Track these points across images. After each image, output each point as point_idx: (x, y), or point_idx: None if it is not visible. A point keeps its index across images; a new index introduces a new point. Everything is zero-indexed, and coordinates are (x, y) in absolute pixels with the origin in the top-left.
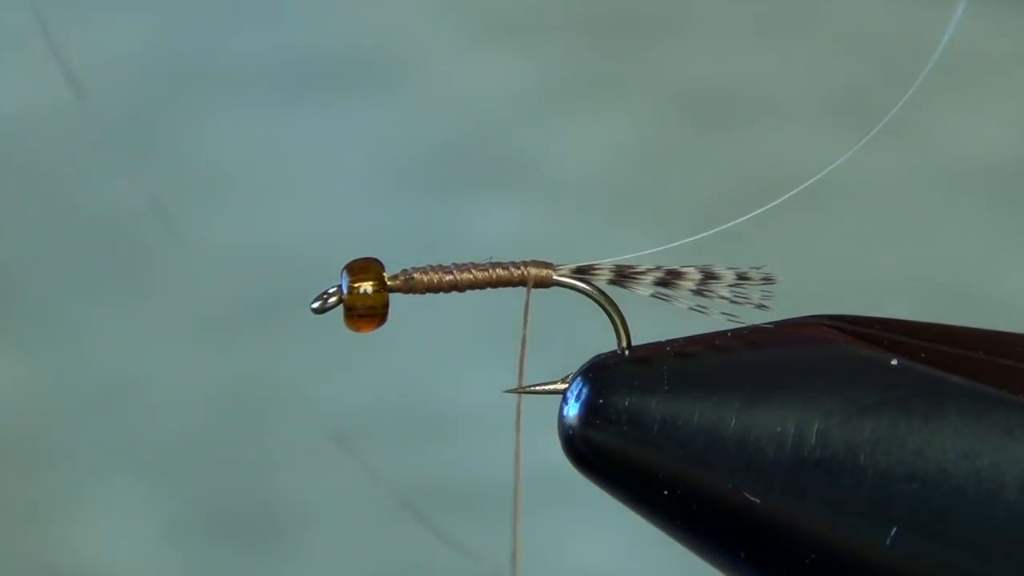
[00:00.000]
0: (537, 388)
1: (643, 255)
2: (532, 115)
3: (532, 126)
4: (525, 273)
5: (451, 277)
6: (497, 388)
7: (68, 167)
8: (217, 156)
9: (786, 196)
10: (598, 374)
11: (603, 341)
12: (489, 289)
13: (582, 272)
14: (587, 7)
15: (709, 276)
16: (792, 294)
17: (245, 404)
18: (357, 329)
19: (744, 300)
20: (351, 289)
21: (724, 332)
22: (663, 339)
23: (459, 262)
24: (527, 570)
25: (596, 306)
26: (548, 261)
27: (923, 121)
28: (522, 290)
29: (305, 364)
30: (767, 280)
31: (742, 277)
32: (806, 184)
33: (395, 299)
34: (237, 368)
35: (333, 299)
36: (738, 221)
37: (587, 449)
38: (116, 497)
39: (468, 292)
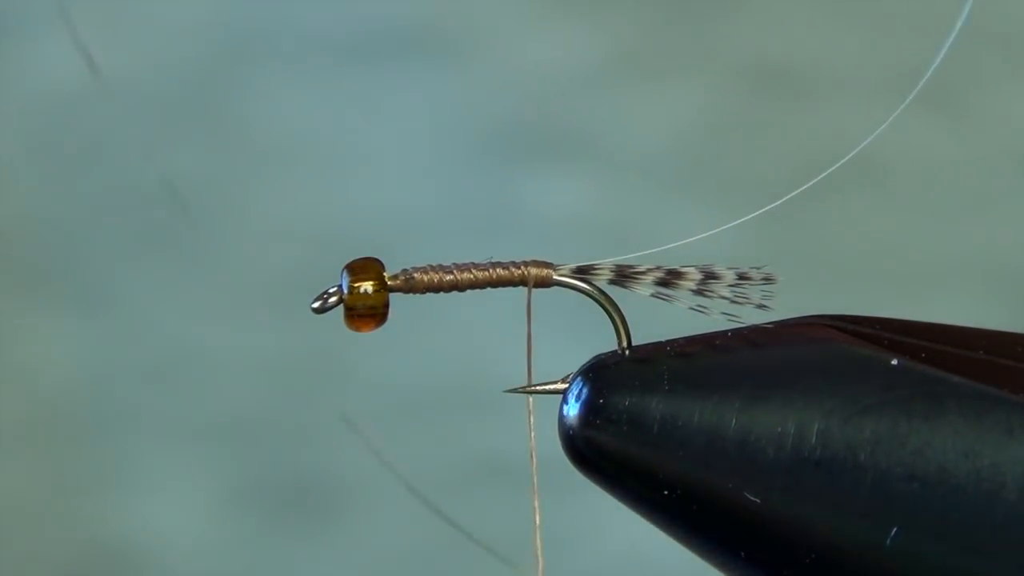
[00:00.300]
0: (538, 388)
1: (689, 241)
2: (598, 89)
3: (598, 100)
4: (525, 273)
5: (451, 277)
6: (547, 366)
7: (129, 137)
8: (280, 126)
9: (818, 178)
10: (598, 374)
11: (603, 341)
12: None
13: (582, 272)
14: None
15: (709, 276)
16: (852, 272)
17: (301, 376)
18: (357, 329)
19: (744, 300)
20: (351, 289)
21: (724, 332)
22: (663, 339)
23: (459, 262)
24: (564, 552)
25: (597, 306)
26: (548, 261)
27: (987, 100)
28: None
29: (361, 337)
30: (767, 280)
31: (742, 277)
32: (839, 164)
33: (395, 298)
34: (294, 340)
35: (333, 299)
36: (767, 208)
37: (587, 449)
38: (170, 468)
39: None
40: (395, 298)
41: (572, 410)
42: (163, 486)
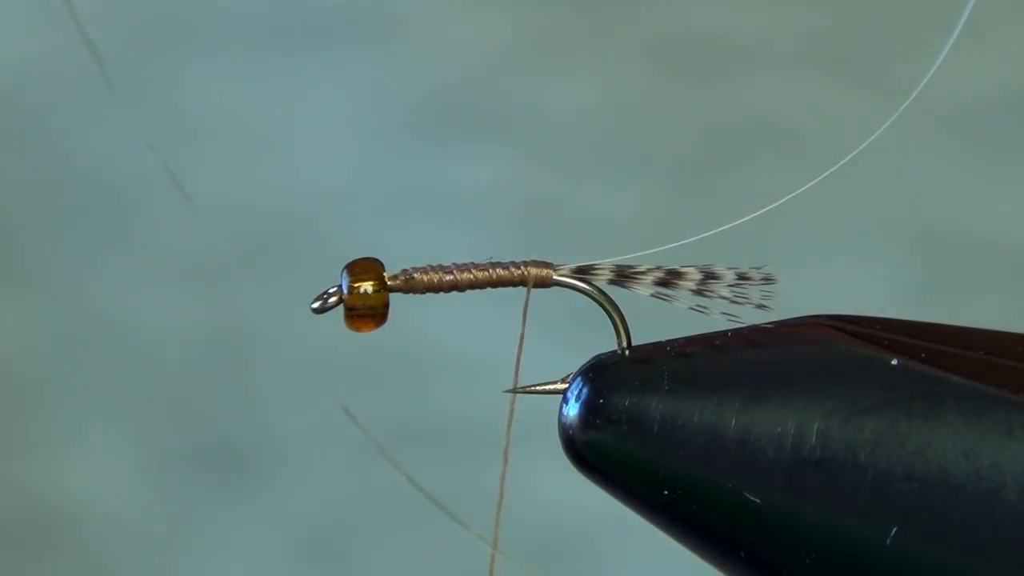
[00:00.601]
0: (537, 388)
1: (689, 241)
2: (518, 68)
3: (518, 78)
4: (525, 273)
5: (451, 277)
6: (477, 332)
7: (59, 117)
8: (207, 107)
9: (815, 181)
10: (598, 374)
11: (604, 341)
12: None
13: (582, 272)
14: None
15: (709, 276)
16: (765, 237)
17: (227, 347)
18: (357, 329)
19: (744, 300)
20: (351, 289)
21: (724, 332)
22: (663, 339)
23: (459, 262)
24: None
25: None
26: (548, 261)
27: (906, 67)
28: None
29: (288, 309)
30: (767, 280)
31: (742, 277)
32: (829, 172)
33: (394, 298)
34: (222, 312)
35: (333, 299)
36: (743, 220)
37: (587, 449)
38: (100, 434)
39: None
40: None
41: (572, 410)
42: (92, 450)
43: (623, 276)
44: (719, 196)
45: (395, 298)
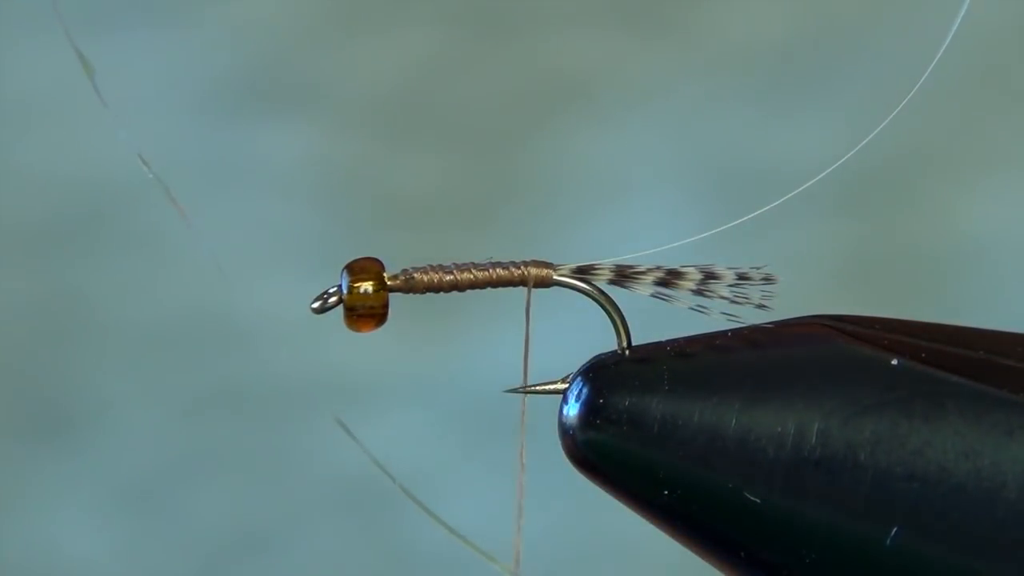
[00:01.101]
0: (537, 388)
1: (689, 241)
2: (322, 38)
3: (322, 49)
4: (525, 273)
5: (451, 277)
6: (293, 297)
7: None
8: (18, 83)
9: (785, 198)
10: (598, 374)
11: (604, 341)
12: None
13: (582, 272)
14: None
15: (709, 276)
16: (567, 195)
17: (47, 319)
18: (357, 329)
19: (744, 300)
20: (351, 289)
21: (724, 332)
22: (663, 339)
23: (459, 262)
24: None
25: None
26: (548, 261)
27: (687, 14)
28: None
29: (110, 281)
30: (767, 280)
31: (742, 277)
32: (809, 184)
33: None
34: (40, 286)
35: (333, 299)
36: (737, 222)
37: (587, 449)
38: None
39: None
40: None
41: (572, 410)
42: None
43: (623, 276)
44: (525, 158)
45: (394, 298)
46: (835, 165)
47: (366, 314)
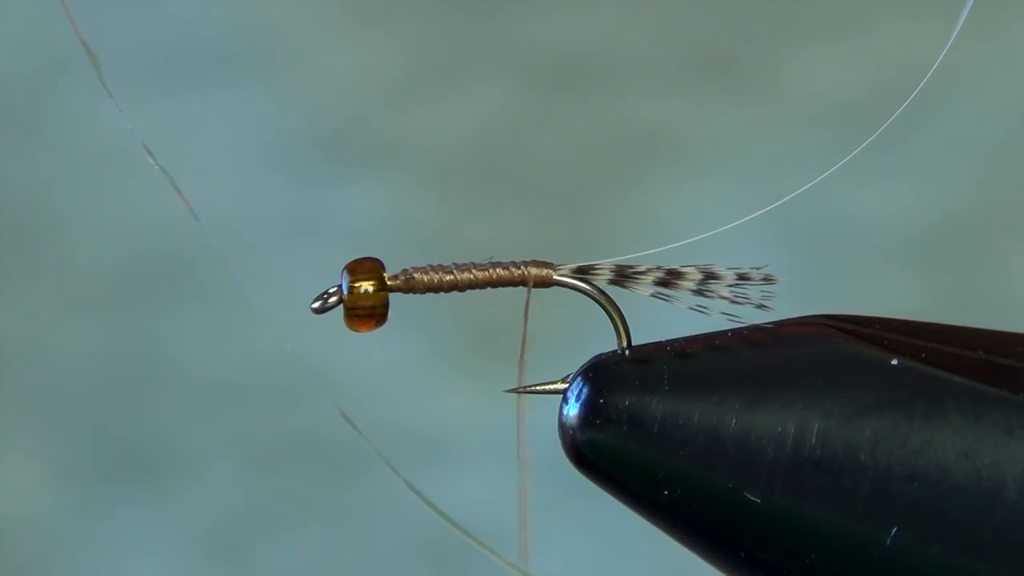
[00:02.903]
0: (537, 388)
1: (689, 242)
2: (401, 95)
3: (402, 107)
4: (525, 273)
5: (451, 277)
6: (366, 350)
7: None
8: (97, 139)
9: (778, 203)
10: (598, 374)
11: (603, 341)
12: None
13: (582, 272)
14: None
15: (709, 276)
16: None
17: (127, 370)
18: (357, 329)
19: (744, 300)
20: (351, 289)
21: (724, 332)
22: (663, 339)
23: (459, 262)
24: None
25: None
26: (549, 261)
27: (768, 69)
28: None
29: (189, 332)
30: (767, 280)
31: (742, 277)
32: (801, 190)
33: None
34: (121, 338)
35: (333, 299)
36: (743, 220)
37: (587, 449)
38: (5, 448)
39: (469, 292)
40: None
41: (572, 410)
42: None
43: (623, 276)
44: (604, 213)
45: (394, 298)
46: (826, 173)
47: (366, 314)
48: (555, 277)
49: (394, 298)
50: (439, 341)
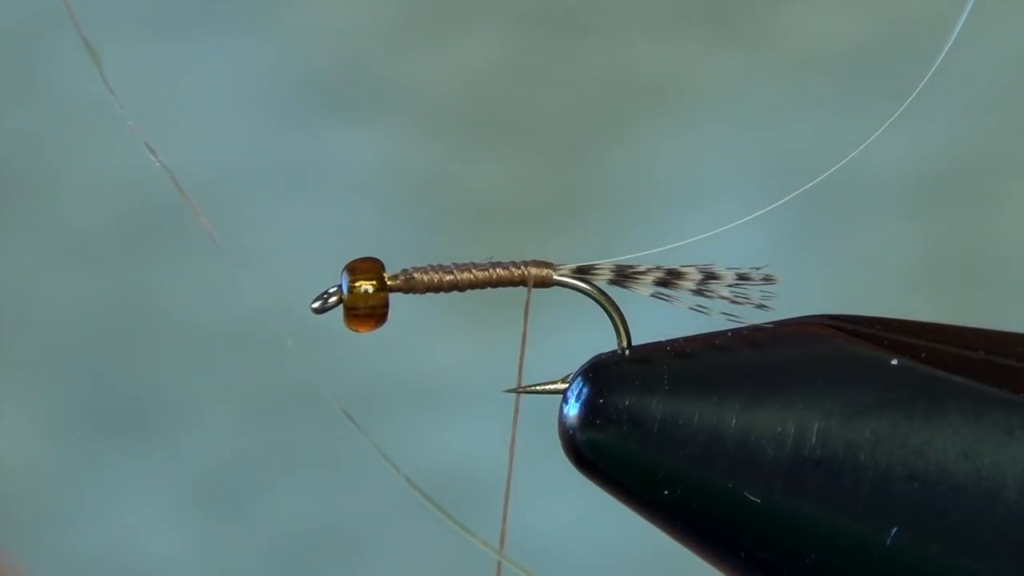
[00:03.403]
0: (537, 388)
1: (689, 242)
2: (397, 42)
3: (397, 53)
4: (525, 273)
5: (451, 277)
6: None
7: None
8: (83, 88)
9: (809, 185)
10: (598, 374)
11: (603, 340)
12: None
13: (582, 272)
14: None
15: (709, 276)
16: (644, 203)
17: (120, 320)
18: (357, 329)
19: (745, 300)
20: (351, 289)
21: (724, 332)
22: (663, 339)
23: (459, 262)
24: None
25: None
26: (549, 261)
27: (763, 16)
28: None
29: (183, 282)
30: (768, 280)
31: (742, 277)
32: (821, 178)
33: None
34: (113, 288)
35: (333, 299)
36: (743, 220)
37: (587, 449)
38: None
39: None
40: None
41: (572, 410)
42: None
43: (623, 276)
44: (600, 161)
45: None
46: (844, 160)
47: (366, 314)
48: (555, 277)
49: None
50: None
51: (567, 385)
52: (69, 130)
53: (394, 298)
